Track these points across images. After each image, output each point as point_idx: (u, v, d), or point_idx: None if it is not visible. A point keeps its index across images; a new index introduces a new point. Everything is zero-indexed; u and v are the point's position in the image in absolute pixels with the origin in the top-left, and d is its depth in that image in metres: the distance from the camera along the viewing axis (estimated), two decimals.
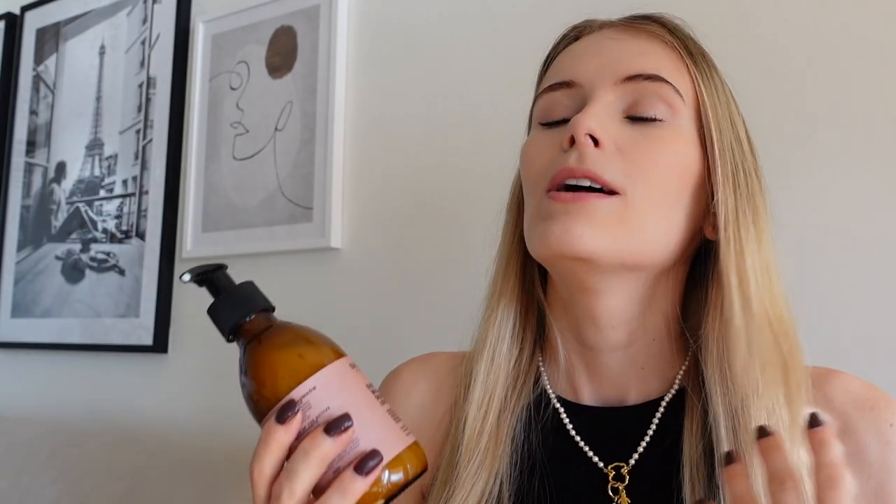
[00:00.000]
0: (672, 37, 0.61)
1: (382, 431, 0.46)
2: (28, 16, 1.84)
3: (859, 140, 0.90)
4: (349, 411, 0.45)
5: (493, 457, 0.61)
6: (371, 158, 1.29)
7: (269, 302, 0.51)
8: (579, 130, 0.56)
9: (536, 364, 0.67)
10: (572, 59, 0.63)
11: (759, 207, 0.59)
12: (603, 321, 0.61)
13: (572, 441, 0.62)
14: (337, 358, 0.48)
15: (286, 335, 0.49)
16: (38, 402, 1.66)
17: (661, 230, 0.57)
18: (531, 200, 0.61)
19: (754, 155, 0.62)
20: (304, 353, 0.47)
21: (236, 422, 1.37)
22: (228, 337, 0.50)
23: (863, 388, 0.59)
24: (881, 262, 0.88)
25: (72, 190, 1.69)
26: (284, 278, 1.35)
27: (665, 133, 0.58)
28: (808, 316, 0.63)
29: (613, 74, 0.59)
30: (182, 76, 1.54)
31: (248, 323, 0.49)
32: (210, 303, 0.49)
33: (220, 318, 0.49)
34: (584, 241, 0.55)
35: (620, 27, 0.63)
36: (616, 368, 0.63)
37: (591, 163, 0.56)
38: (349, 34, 1.34)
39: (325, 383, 0.46)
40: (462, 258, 1.14)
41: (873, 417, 0.56)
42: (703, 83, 0.60)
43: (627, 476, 0.59)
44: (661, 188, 0.57)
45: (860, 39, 0.92)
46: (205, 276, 0.50)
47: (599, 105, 0.58)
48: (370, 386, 0.48)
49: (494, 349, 0.65)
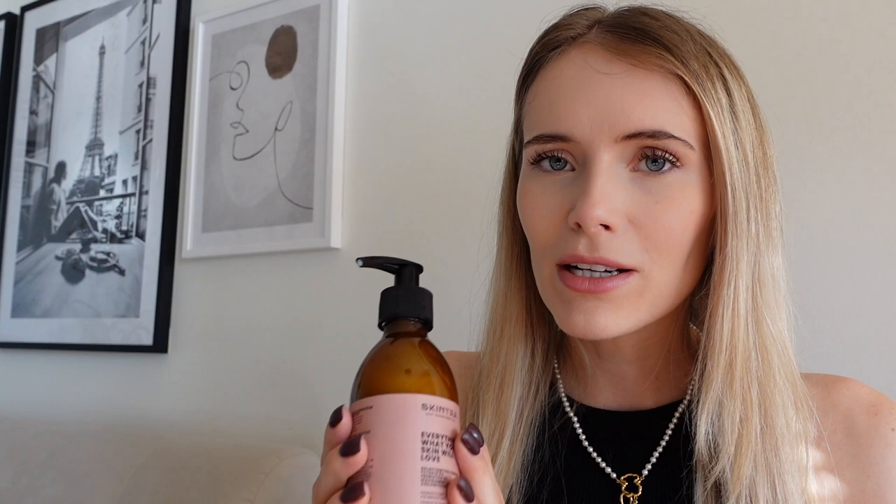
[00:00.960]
0: (672, 59, 0.54)
1: (396, 486, 0.42)
2: (28, 16, 1.84)
3: (859, 141, 0.90)
4: (377, 448, 0.43)
5: (507, 472, 0.61)
6: (371, 158, 1.29)
7: (432, 319, 0.50)
8: (588, 224, 0.52)
9: (552, 367, 0.66)
10: (563, 102, 0.56)
11: (762, 244, 0.56)
12: (617, 349, 0.62)
13: (585, 451, 0.62)
14: (426, 393, 0.45)
15: (414, 348, 0.47)
16: (38, 402, 1.66)
17: (679, 286, 0.56)
18: (540, 263, 0.59)
19: (767, 167, 0.57)
20: (409, 371, 0.46)
21: (236, 422, 1.37)
22: (382, 322, 0.49)
23: (869, 395, 0.59)
24: (880, 262, 0.88)
25: (72, 190, 1.69)
26: (284, 278, 1.35)
27: (675, 188, 0.54)
28: (809, 318, 0.63)
29: (613, 130, 0.54)
30: (182, 76, 1.54)
31: (406, 321, 0.49)
32: (389, 286, 0.50)
33: (390, 304, 0.49)
34: (608, 329, 0.54)
35: (611, 51, 0.55)
36: (632, 377, 0.63)
37: (604, 250, 0.53)
38: (349, 34, 1.34)
39: (384, 409, 0.44)
40: (462, 258, 1.14)
41: (876, 422, 0.57)
42: (711, 108, 0.54)
43: (640, 487, 0.59)
44: (677, 252, 0.55)
45: (866, 39, 0.92)
46: (404, 265, 0.50)
47: (603, 177, 0.53)
48: (433, 437, 0.44)
49: (504, 373, 0.63)
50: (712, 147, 0.54)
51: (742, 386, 0.55)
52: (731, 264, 0.54)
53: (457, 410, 0.46)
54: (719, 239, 0.55)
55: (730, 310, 0.54)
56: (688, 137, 0.54)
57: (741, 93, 0.57)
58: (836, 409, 0.58)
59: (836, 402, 0.59)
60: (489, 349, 0.65)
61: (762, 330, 0.56)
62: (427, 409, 0.44)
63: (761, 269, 0.56)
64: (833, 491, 0.56)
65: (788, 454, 0.55)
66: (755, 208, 0.55)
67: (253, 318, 1.39)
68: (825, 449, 0.57)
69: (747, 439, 0.54)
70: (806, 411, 0.57)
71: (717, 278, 0.55)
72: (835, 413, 0.58)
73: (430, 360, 0.47)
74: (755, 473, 0.54)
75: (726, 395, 0.55)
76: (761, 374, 0.55)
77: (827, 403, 0.59)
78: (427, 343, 0.48)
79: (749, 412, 0.55)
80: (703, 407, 0.55)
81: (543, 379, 0.65)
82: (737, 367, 0.55)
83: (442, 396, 0.45)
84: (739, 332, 0.55)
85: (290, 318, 1.34)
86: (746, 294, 0.55)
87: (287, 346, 1.33)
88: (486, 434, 0.62)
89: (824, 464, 0.57)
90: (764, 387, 0.55)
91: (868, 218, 0.89)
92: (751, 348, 0.55)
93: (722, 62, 0.56)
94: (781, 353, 0.56)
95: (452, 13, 1.24)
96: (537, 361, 0.64)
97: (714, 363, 0.55)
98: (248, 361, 1.38)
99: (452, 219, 1.19)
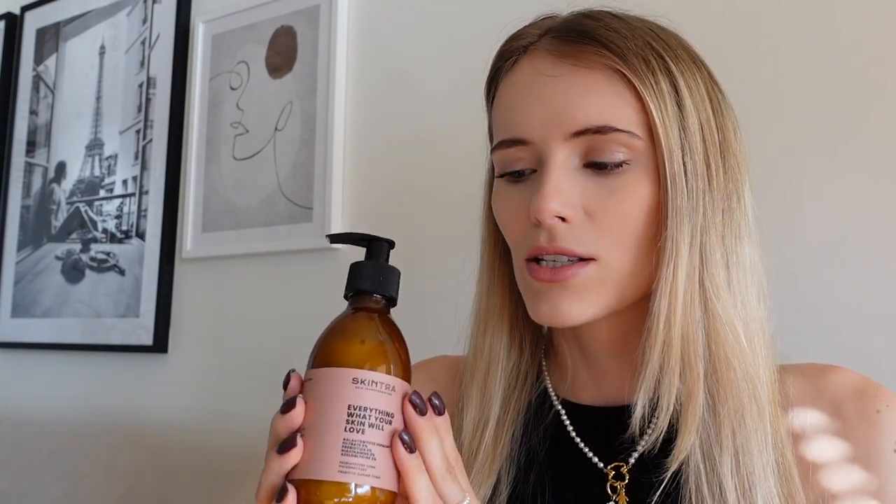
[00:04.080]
0: (610, 55, 0.57)
1: (318, 453, 0.45)
2: (28, 16, 1.84)
3: (855, 139, 0.91)
4: (308, 417, 0.46)
5: (492, 463, 0.62)
6: (371, 158, 1.29)
7: (396, 297, 0.53)
8: (544, 216, 0.56)
9: (538, 361, 0.68)
10: (517, 108, 0.60)
11: (711, 228, 0.57)
12: (596, 343, 0.64)
13: (571, 441, 0.63)
14: (367, 368, 0.47)
15: (371, 323, 0.50)
16: (38, 402, 1.66)
17: (639, 273, 0.58)
18: (515, 260, 0.62)
19: (726, 152, 0.59)
20: (362, 342, 0.48)
21: (236, 422, 1.37)
22: (348, 293, 0.52)
23: (855, 379, 0.60)
24: (876, 262, 0.88)
25: (72, 190, 1.69)
26: (284, 278, 1.35)
27: (627, 179, 0.57)
28: (799, 317, 0.63)
29: (561, 129, 0.57)
30: (182, 76, 1.54)
31: (369, 296, 0.51)
32: (359, 260, 0.52)
33: (357, 277, 0.52)
34: (572, 315, 0.57)
35: (555, 55, 0.59)
36: (616, 371, 0.64)
37: (561, 239, 0.57)
38: (349, 34, 1.34)
39: (319, 381, 0.47)
40: (462, 258, 1.14)
41: (862, 405, 0.59)
42: (651, 99, 0.56)
43: (627, 475, 0.60)
44: (633, 241, 0.57)
45: (854, 39, 0.92)
46: (374, 240, 0.53)
47: (556, 173, 0.57)
48: (359, 410, 0.46)
49: (488, 367, 0.65)
50: (654, 135, 0.57)
51: (682, 364, 0.56)
52: (670, 246, 0.56)
53: (400, 387, 0.48)
54: (661, 222, 0.57)
55: (668, 290, 0.56)
56: (633, 128, 0.56)
57: (694, 81, 0.59)
58: (822, 395, 0.60)
59: (823, 389, 0.60)
60: (473, 345, 0.67)
61: (711, 311, 0.56)
62: (357, 383, 0.47)
63: (711, 253, 0.57)
64: (818, 468, 0.58)
65: (755, 430, 0.56)
66: (704, 192, 0.57)
67: (253, 318, 1.39)
68: (811, 434, 0.58)
69: (691, 415, 0.56)
70: (773, 396, 0.58)
71: (657, 260, 0.57)
72: (821, 400, 0.60)
73: (382, 336, 0.49)
74: (718, 448, 0.56)
75: (664, 371, 0.56)
76: (711, 354, 0.57)
77: (814, 391, 0.60)
78: (385, 319, 0.51)
79: (694, 389, 0.56)
80: (640, 383, 0.57)
81: (530, 373, 0.67)
82: (674, 345, 0.56)
83: (383, 372, 0.47)
84: (678, 311, 0.56)
85: (290, 318, 1.34)
86: (689, 276, 0.56)
87: (287, 346, 1.33)
88: (470, 425, 0.64)
89: (809, 447, 0.58)
90: (714, 366, 0.56)
91: (869, 214, 0.89)
92: (697, 329, 0.56)
93: (667, 54, 0.58)
94: (735, 335, 0.57)
95: (452, 13, 1.24)
96: (525, 355, 0.67)
97: (651, 343, 0.56)
98: (248, 361, 1.38)
99: (452, 218, 1.18)
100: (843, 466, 0.57)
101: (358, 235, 0.53)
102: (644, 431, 0.60)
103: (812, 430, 0.59)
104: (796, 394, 0.60)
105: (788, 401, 0.59)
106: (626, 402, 0.62)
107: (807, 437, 0.59)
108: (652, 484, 0.58)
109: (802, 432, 0.59)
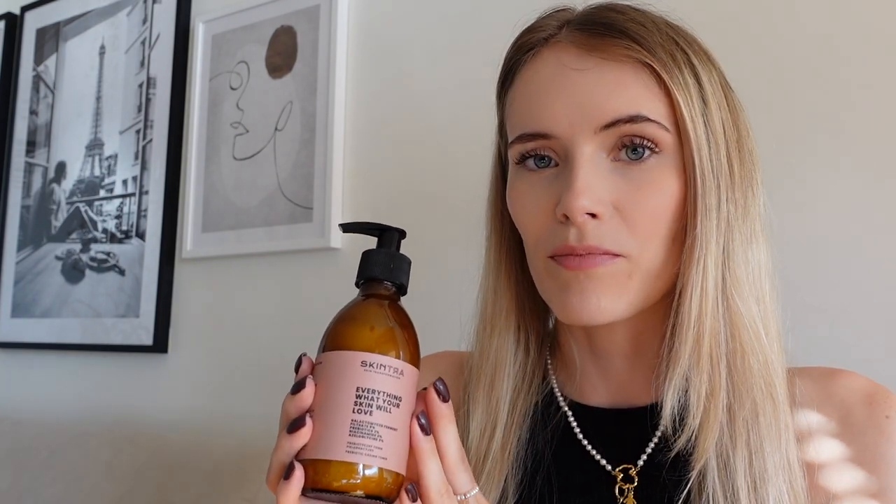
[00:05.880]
0: (640, 49, 0.56)
1: (326, 433, 0.46)
2: (28, 16, 1.84)
3: (858, 140, 0.91)
4: (318, 398, 0.47)
5: (501, 468, 0.61)
6: (371, 158, 1.29)
7: (407, 285, 0.53)
8: (575, 214, 0.54)
9: (544, 361, 0.67)
10: (540, 101, 0.58)
11: (735, 226, 0.57)
12: (611, 343, 0.62)
13: (579, 444, 0.62)
14: (377, 353, 0.48)
15: (381, 310, 0.50)
16: (38, 402, 1.66)
17: (665, 270, 0.57)
18: (534, 259, 0.60)
19: (741, 148, 0.59)
20: (371, 329, 0.49)
21: (236, 422, 1.37)
22: (359, 281, 0.53)
23: (865, 385, 0.60)
24: (878, 262, 0.88)
25: (72, 190, 1.69)
26: (284, 278, 1.35)
27: (654, 174, 0.56)
28: (798, 317, 0.63)
29: (590, 123, 0.56)
30: (182, 76, 1.54)
31: (380, 283, 0.52)
32: (371, 248, 0.53)
33: (368, 264, 0.52)
34: (601, 310, 0.56)
35: (582, 47, 0.58)
36: (627, 372, 0.63)
37: (591, 238, 0.55)
38: (349, 34, 1.34)
39: (329, 364, 0.48)
40: (462, 257, 1.14)
41: (871, 410, 0.58)
42: (679, 93, 0.56)
43: (636, 477, 0.59)
44: (661, 238, 0.56)
45: (861, 38, 0.92)
46: (385, 229, 0.53)
47: (585, 168, 0.55)
48: (367, 393, 0.47)
49: (494, 370, 0.64)
50: (682, 129, 0.56)
51: (710, 362, 0.56)
52: (700, 242, 0.55)
53: (409, 371, 0.48)
54: (690, 218, 0.56)
55: (699, 287, 0.55)
56: (663, 120, 0.56)
57: (711, 77, 0.58)
58: (831, 400, 0.59)
59: (832, 394, 0.60)
60: (479, 347, 0.66)
61: (732, 308, 0.56)
62: (366, 366, 0.47)
63: (733, 249, 0.57)
64: (824, 472, 0.57)
65: (768, 429, 0.56)
66: (727, 188, 0.57)
67: (253, 318, 1.39)
68: (817, 437, 0.58)
69: (714, 414, 0.55)
70: (786, 395, 0.57)
71: (686, 257, 0.56)
72: (830, 404, 0.59)
73: (391, 322, 0.49)
74: (731, 447, 0.55)
75: (693, 370, 0.56)
76: (730, 352, 0.56)
77: (823, 394, 0.60)
78: (395, 306, 0.51)
79: (717, 387, 0.56)
80: (669, 382, 0.56)
81: (537, 373, 0.66)
82: (704, 343, 0.55)
83: (393, 357, 0.48)
84: (708, 309, 0.55)
85: (290, 318, 1.34)
86: (716, 272, 0.56)
87: (287, 345, 1.33)
88: (477, 429, 0.63)
89: (815, 450, 0.58)
90: (734, 363, 0.56)
91: (871, 212, 0.89)
92: (720, 326, 0.56)
93: (689, 49, 0.58)
94: (755, 332, 0.57)
95: (452, 13, 1.24)
96: (531, 356, 0.65)
97: (682, 340, 0.56)
98: (248, 361, 1.38)
99: (453, 218, 1.18)
100: (850, 471, 0.57)
101: (369, 224, 0.54)
102: (654, 432, 0.60)
103: (819, 433, 0.59)
104: (804, 396, 0.59)
105: (795, 403, 0.59)
106: (637, 403, 0.62)
107: (813, 440, 0.58)
108: (662, 486, 0.57)
109: (808, 435, 0.58)
